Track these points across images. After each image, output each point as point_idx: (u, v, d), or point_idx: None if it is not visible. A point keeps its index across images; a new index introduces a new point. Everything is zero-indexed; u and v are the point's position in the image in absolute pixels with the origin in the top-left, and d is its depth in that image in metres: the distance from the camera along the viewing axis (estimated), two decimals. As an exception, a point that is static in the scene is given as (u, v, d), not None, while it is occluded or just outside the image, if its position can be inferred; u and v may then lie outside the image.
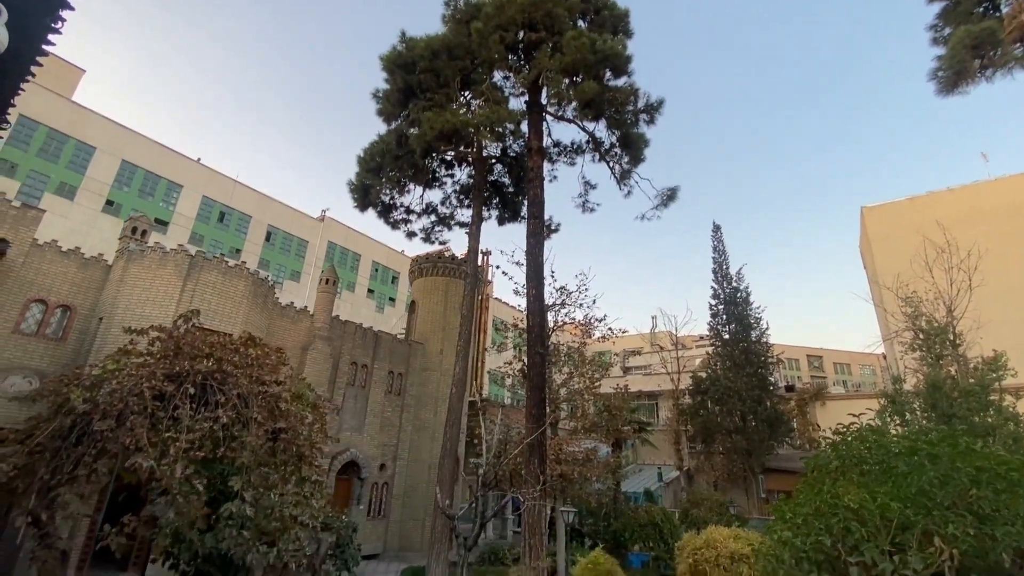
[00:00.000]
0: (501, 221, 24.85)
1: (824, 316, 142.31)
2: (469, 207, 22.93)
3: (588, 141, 20.60)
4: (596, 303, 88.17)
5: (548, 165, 22.16)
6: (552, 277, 32.70)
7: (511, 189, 24.02)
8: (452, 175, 23.77)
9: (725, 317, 30.75)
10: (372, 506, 19.75)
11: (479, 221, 21.03)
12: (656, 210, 19.89)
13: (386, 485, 20.57)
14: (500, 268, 34.46)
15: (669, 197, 19.43)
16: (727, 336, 30.16)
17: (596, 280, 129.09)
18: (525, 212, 19.63)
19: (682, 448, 30.50)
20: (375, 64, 20.02)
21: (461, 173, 23.56)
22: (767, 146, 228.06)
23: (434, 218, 24.13)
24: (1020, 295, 27.96)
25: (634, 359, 45.78)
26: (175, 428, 4.38)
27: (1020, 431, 11.51)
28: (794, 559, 2.92)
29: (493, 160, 23.12)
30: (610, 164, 20.10)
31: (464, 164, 23.15)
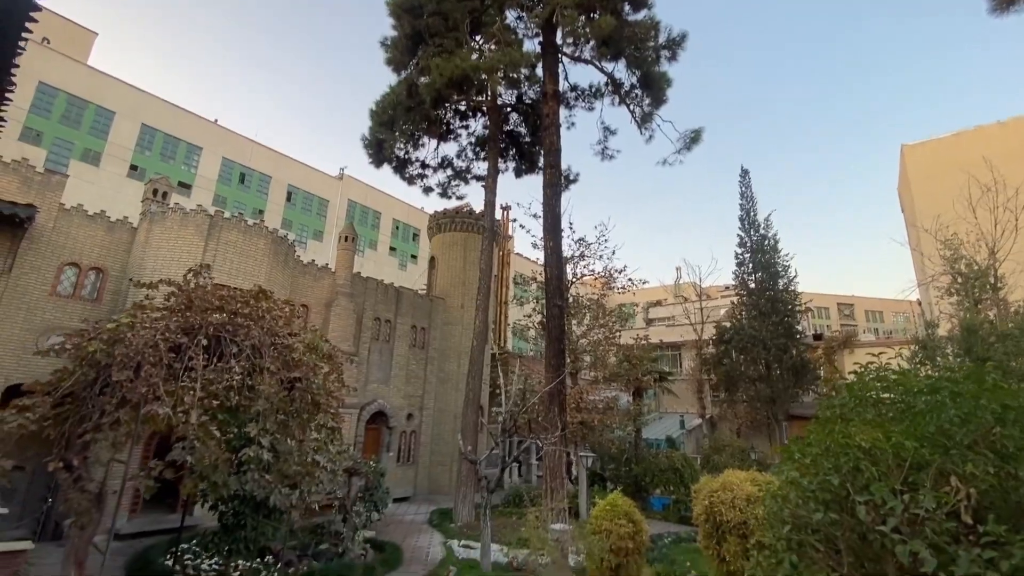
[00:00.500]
0: (518, 173, 24.32)
1: (857, 263, 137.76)
2: (485, 160, 22.44)
3: (607, 83, 19.62)
4: (616, 254, 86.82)
5: (565, 111, 21.31)
6: (571, 229, 32.32)
7: (527, 139, 23.33)
8: (466, 126, 23.16)
9: (751, 266, 30.00)
10: (401, 453, 20.71)
11: (495, 173, 20.60)
12: (679, 154, 19.08)
13: (414, 433, 21.43)
14: (518, 222, 34.00)
15: (693, 140, 18.56)
16: (753, 285, 29.52)
17: (616, 231, 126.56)
18: (542, 164, 19.11)
19: (705, 397, 30.64)
20: (384, 11, 19.10)
21: (476, 124, 22.93)
22: (798, 83, 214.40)
23: (450, 172, 23.76)
24: (1072, 234, 26.30)
25: (657, 311, 45.48)
26: (190, 378, 4.52)
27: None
28: (800, 499, 2.86)
29: (508, 108, 22.36)
30: (630, 107, 19.20)
31: (478, 114, 22.48)
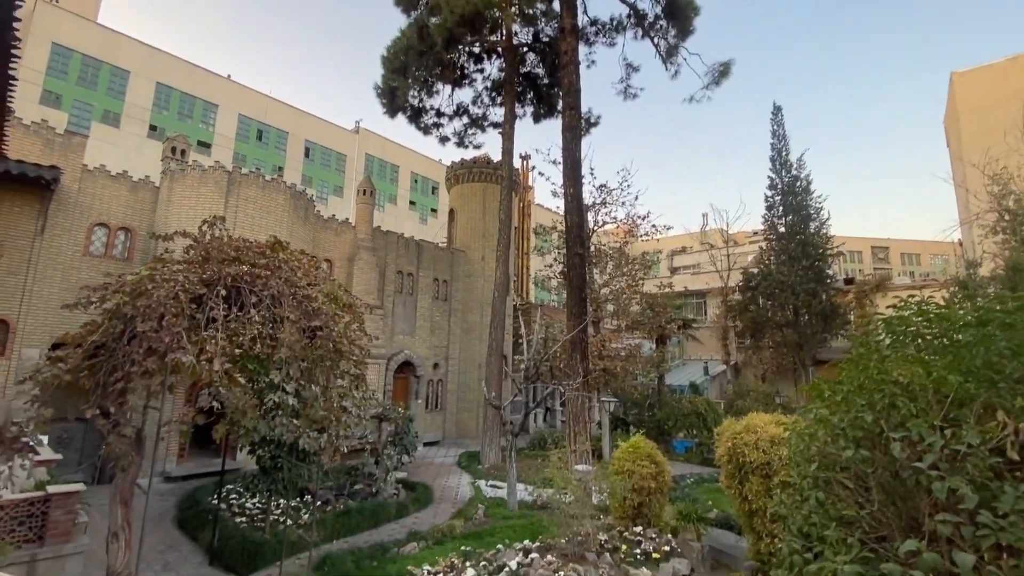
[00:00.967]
0: (536, 118, 23.45)
1: (894, 204, 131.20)
2: (502, 105, 21.62)
3: (629, 15, 18.38)
4: (639, 199, 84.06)
5: (584, 48, 20.17)
6: (592, 175, 31.18)
7: (545, 80, 22.30)
8: (481, 70, 22.20)
9: (782, 209, 28.85)
10: (429, 400, 21.45)
11: (512, 119, 19.90)
12: (707, 90, 18.02)
13: (440, 382, 22.07)
14: (537, 170, 33.00)
15: (722, 73, 17.43)
16: (783, 229, 28.50)
17: (640, 176, 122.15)
18: (561, 106, 18.28)
19: (729, 343, 30.43)
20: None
21: (491, 67, 21.95)
22: (835, 7, 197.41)
23: (466, 120, 23.06)
24: None
25: (681, 258, 44.58)
26: (212, 327, 4.59)
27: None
28: (829, 437, 2.74)
29: (524, 48, 21.27)
30: (654, 40, 18.02)
31: (493, 56, 21.48)
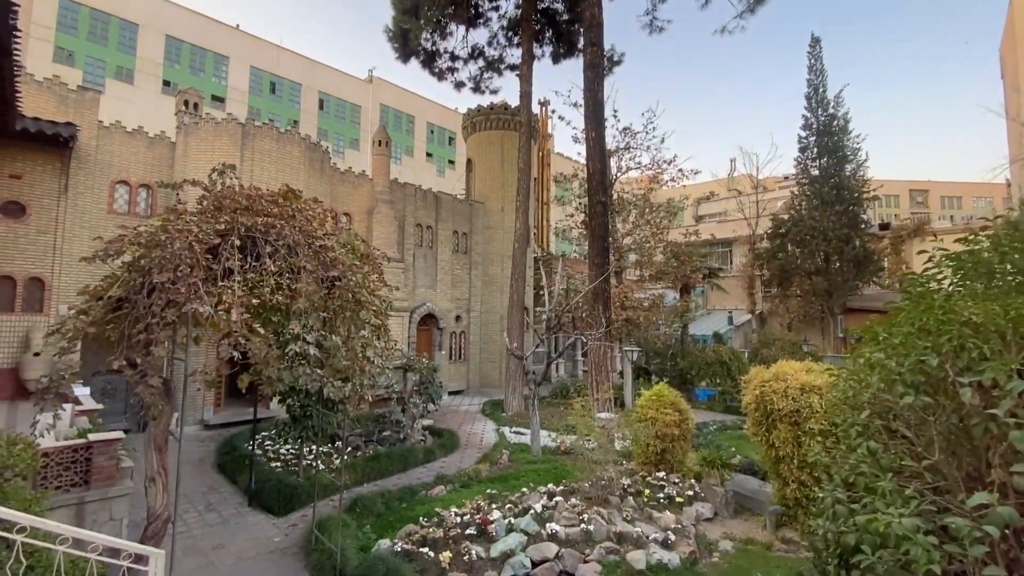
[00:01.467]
0: (556, 58, 22.23)
1: (936, 145, 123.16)
2: (519, 46, 20.50)
3: (656, -64, 16.82)
4: (664, 143, 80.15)
5: (607, -23, 18.67)
6: (615, 118, 29.85)
7: (565, 16, 20.97)
8: (497, 7, 20.97)
9: (816, 151, 27.29)
10: (453, 351, 21.81)
11: (530, 60, 18.88)
12: (740, 19, 16.66)
13: (463, 333, 22.32)
14: (557, 114, 31.67)
15: (758, 0, 16.02)
16: (816, 172, 27.08)
17: (665, 119, 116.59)
18: (582, 44, 17.18)
19: (755, 292, 29.76)
20: None
21: (507, 3, 20.73)
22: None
23: (482, 63, 22.03)
24: None
25: (708, 206, 43.11)
26: (229, 278, 4.52)
27: None
28: (885, 382, 2.52)
29: (542, -20, 19.87)
30: (684, -35, 16.53)
31: (509, -10, 20.17)
